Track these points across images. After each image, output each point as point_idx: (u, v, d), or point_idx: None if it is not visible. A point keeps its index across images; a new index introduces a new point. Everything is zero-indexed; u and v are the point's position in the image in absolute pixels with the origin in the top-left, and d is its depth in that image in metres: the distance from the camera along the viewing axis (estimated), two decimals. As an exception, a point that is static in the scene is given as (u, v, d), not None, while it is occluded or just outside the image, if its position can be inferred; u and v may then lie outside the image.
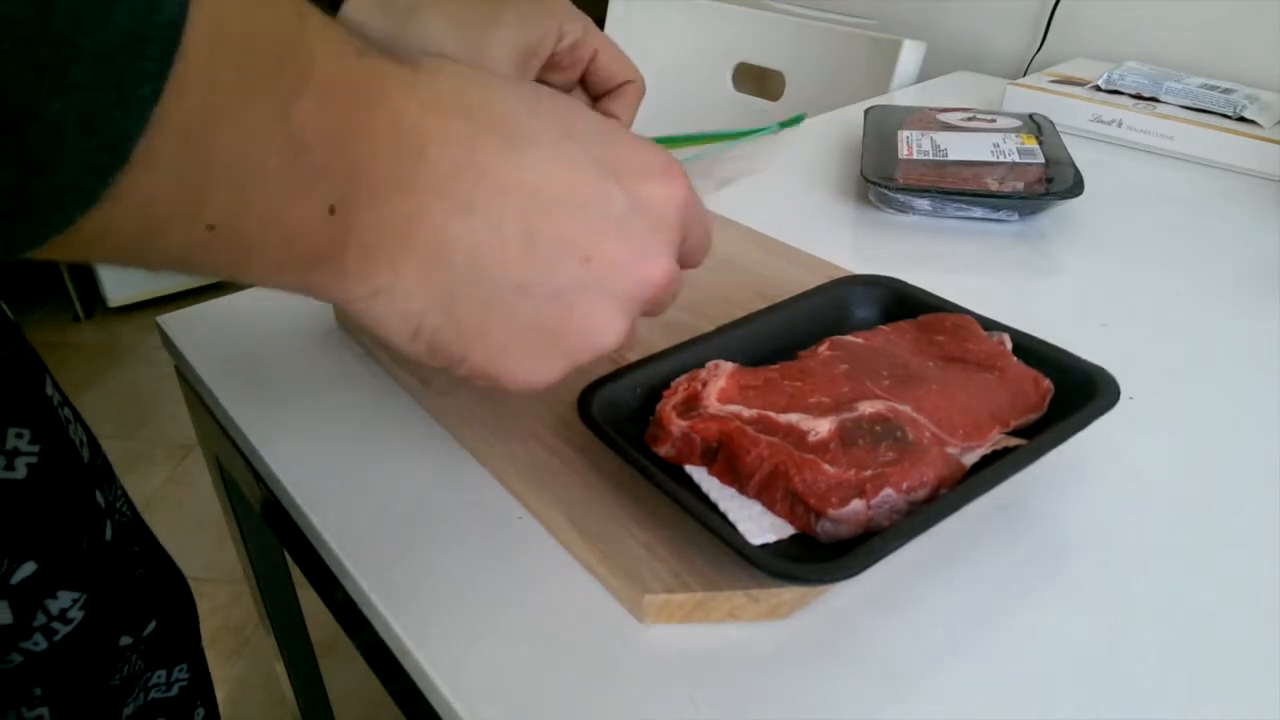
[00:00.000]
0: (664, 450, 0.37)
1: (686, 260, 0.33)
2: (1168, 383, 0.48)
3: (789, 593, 0.33)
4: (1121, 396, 0.38)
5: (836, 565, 0.31)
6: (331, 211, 0.23)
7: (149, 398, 1.82)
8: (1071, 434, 0.37)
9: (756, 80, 1.15)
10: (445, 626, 0.34)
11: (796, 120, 0.59)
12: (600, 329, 0.28)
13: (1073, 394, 0.39)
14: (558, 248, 0.26)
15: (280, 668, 0.73)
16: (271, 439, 0.44)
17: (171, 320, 0.53)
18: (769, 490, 0.35)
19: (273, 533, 0.57)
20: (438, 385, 0.44)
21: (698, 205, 0.32)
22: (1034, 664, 0.33)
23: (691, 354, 0.42)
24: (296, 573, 0.54)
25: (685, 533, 0.35)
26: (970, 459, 0.36)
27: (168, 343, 0.52)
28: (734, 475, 0.36)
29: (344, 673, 1.01)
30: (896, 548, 0.32)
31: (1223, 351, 0.51)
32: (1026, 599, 0.35)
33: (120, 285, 2.13)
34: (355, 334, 0.50)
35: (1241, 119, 0.77)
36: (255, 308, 0.54)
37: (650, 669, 0.32)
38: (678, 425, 0.37)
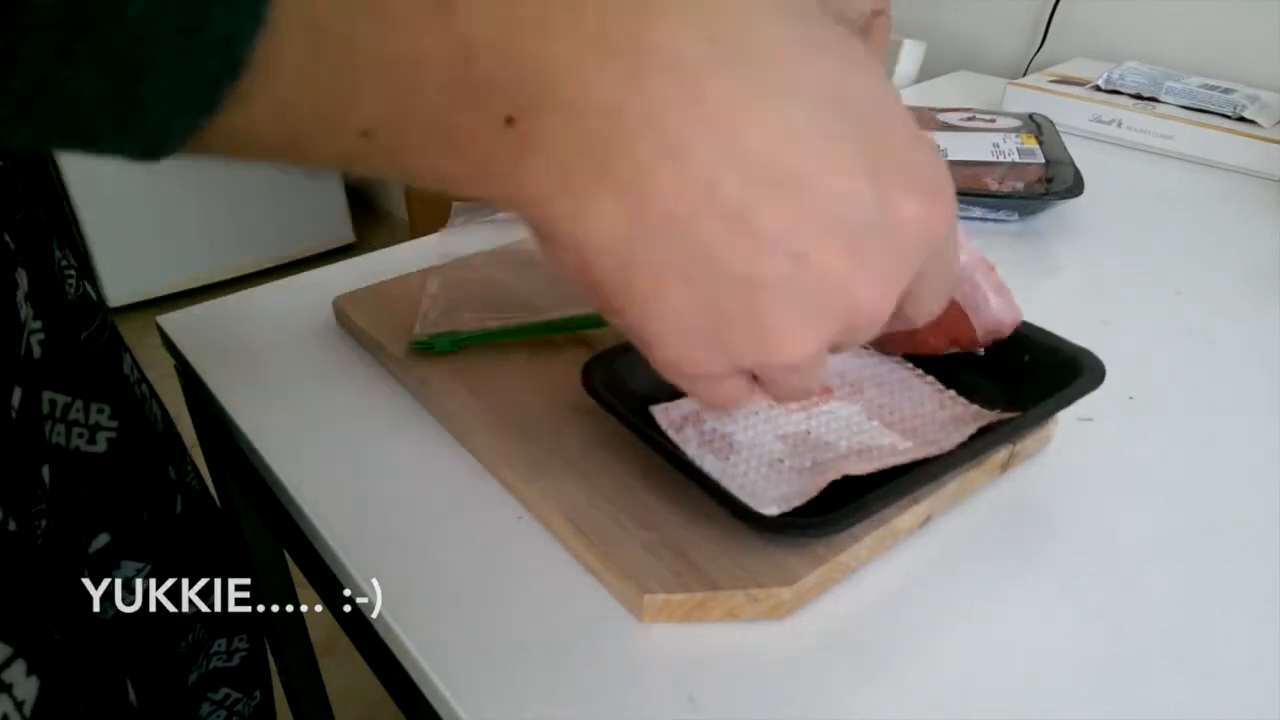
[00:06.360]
0: None
1: (908, 307, 0.27)
2: (1168, 382, 0.48)
3: (788, 592, 0.33)
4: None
5: (839, 515, 0.33)
6: (509, 122, 0.19)
7: (149, 398, 1.82)
8: (1058, 409, 0.39)
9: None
10: (445, 626, 0.34)
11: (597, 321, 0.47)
12: (780, 338, 0.23)
13: (1059, 374, 0.40)
14: (772, 233, 0.22)
15: (280, 668, 0.73)
16: (271, 439, 0.44)
17: (171, 320, 0.53)
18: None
19: (272, 533, 0.57)
20: (437, 385, 0.44)
21: (950, 247, 0.26)
22: (1033, 664, 0.33)
23: None
24: (296, 573, 0.54)
25: (685, 532, 0.35)
26: (958, 436, 0.38)
27: (168, 343, 0.52)
28: None
29: (344, 673, 1.01)
30: (882, 508, 0.34)
31: (1223, 351, 0.51)
32: (1026, 599, 0.35)
33: (120, 285, 2.13)
34: (354, 333, 0.50)
35: (1241, 119, 0.77)
36: (255, 307, 0.54)
37: (650, 668, 0.32)
38: None
